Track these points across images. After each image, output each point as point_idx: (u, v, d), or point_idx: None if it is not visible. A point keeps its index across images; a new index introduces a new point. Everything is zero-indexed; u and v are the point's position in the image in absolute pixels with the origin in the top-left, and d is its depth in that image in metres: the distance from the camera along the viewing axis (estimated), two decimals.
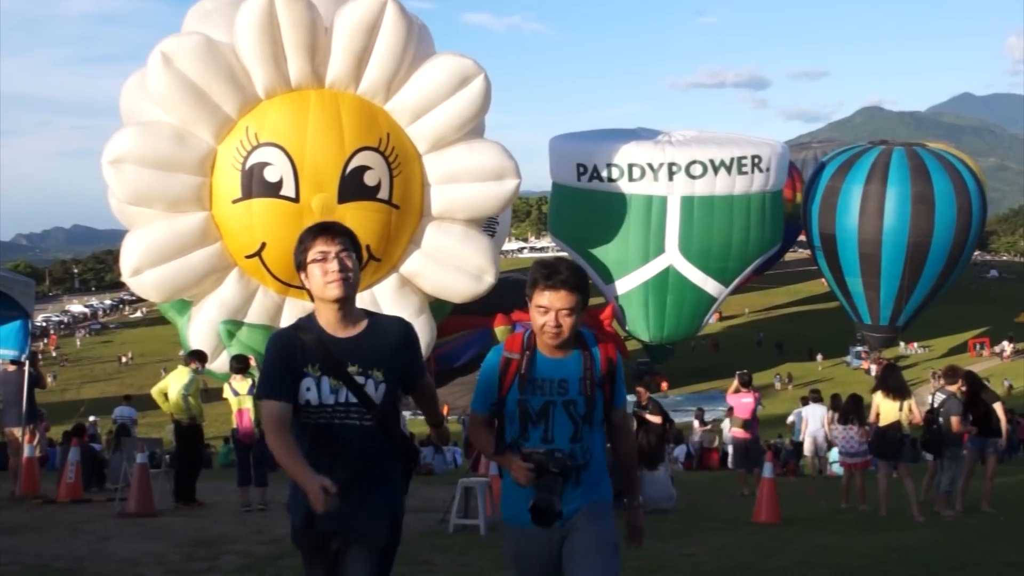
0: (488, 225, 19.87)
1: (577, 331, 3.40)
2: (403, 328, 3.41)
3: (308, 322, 3.35)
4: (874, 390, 10.62)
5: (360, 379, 3.26)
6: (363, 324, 3.34)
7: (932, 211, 31.28)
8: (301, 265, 3.31)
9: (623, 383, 3.56)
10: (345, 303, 3.28)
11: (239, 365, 11.04)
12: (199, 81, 12.83)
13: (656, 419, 11.59)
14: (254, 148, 15.03)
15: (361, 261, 3.35)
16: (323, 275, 3.25)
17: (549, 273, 3.29)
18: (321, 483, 2.99)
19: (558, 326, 3.31)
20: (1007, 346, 45.88)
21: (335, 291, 3.25)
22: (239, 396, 10.76)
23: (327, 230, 3.29)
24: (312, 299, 3.34)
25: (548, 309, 3.31)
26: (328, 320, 3.31)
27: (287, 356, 3.26)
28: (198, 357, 11.72)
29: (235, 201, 15.28)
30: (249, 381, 10.76)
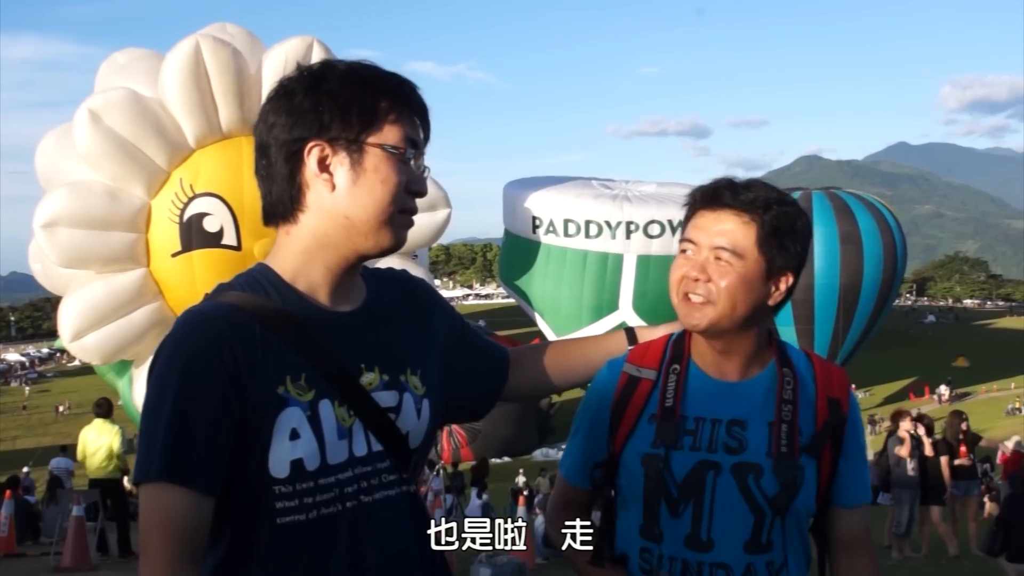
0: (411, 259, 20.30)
1: (766, 329, 1.78)
2: (410, 279, 1.83)
3: (265, 281, 1.59)
4: None
5: (386, 396, 1.56)
6: (362, 288, 1.66)
7: (860, 250, 31.18)
8: (338, 133, 1.53)
9: (864, 455, 1.82)
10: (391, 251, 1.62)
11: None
12: (129, 136, 12.73)
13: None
14: (191, 199, 15.03)
15: None
16: (394, 177, 1.58)
17: (714, 190, 1.73)
18: None
19: (699, 278, 1.70)
20: (944, 390, 46.80)
21: (403, 228, 1.65)
22: None
23: (421, 105, 1.63)
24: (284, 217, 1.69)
25: (696, 245, 1.73)
26: (324, 277, 1.58)
27: (225, 368, 1.41)
28: (105, 406, 11.55)
29: (175, 254, 15.22)
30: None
